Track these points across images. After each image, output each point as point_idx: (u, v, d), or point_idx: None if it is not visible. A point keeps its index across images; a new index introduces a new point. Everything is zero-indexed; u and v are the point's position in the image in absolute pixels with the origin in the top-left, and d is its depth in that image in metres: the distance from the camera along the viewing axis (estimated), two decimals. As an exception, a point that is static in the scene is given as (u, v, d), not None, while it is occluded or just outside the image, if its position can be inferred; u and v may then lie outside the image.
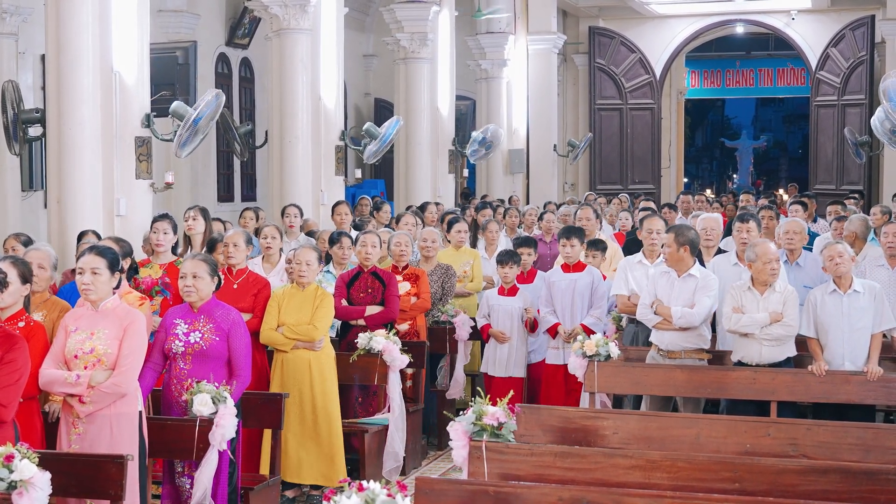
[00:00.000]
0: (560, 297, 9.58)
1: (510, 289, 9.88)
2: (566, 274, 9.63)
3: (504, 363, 9.77)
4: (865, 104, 23.92)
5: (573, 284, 9.55)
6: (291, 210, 11.81)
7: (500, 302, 9.85)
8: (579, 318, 9.49)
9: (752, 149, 49.88)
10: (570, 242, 9.61)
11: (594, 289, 9.55)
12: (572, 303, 9.53)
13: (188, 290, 6.77)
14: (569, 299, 9.54)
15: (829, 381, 7.72)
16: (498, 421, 5.84)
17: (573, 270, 9.62)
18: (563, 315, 9.56)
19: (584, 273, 9.60)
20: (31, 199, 14.02)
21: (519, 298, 9.82)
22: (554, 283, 9.65)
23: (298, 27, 13.85)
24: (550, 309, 9.61)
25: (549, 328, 9.59)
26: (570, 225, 10.77)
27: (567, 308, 9.55)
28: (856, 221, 10.82)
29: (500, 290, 9.94)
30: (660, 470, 5.70)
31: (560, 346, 9.52)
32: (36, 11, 13.35)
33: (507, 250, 10.17)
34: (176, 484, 6.71)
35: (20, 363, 5.53)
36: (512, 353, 9.77)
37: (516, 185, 22.73)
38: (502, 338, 9.74)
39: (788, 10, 25.65)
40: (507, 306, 9.82)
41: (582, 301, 9.53)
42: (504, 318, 9.79)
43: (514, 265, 9.82)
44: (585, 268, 9.66)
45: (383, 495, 4.41)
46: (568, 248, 9.62)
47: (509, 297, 9.85)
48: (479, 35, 22.25)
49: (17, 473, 4.76)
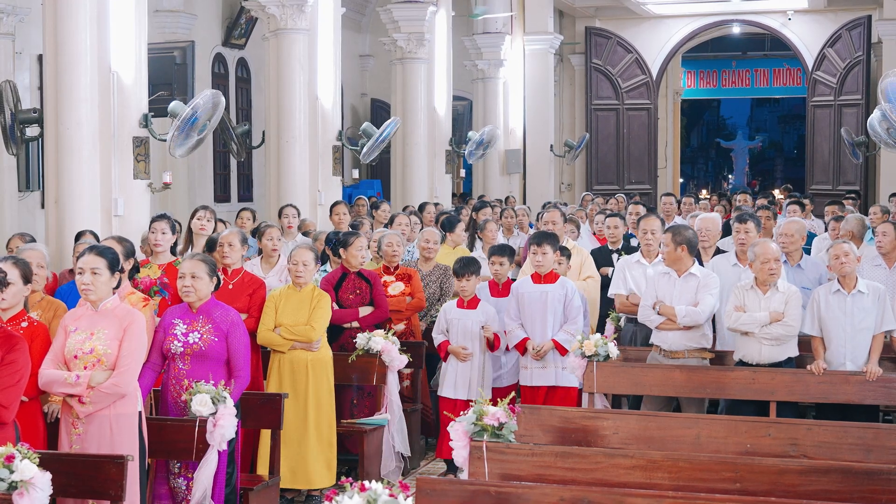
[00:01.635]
0: (529, 309, 8.57)
1: (470, 301, 8.79)
2: (537, 285, 8.64)
3: (466, 384, 8.63)
4: (862, 104, 23.93)
5: (544, 297, 8.56)
6: (289, 210, 11.80)
7: (458, 316, 8.74)
8: (550, 333, 8.51)
9: (748, 149, 49.93)
10: (542, 249, 8.61)
11: (567, 302, 8.58)
12: (543, 317, 8.54)
13: (187, 290, 6.76)
14: (539, 313, 8.54)
15: (829, 381, 7.72)
16: (498, 421, 5.84)
17: (545, 281, 8.63)
18: (533, 330, 8.56)
19: (557, 285, 8.60)
20: (29, 199, 14.00)
21: (480, 312, 8.73)
22: (523, 294, 8.64)
23: (296, 27, 13.85)
24: (518, 323, 8.61)
25: (518, 343, 8.59)
26: (542, 231, 9.55)
27: (537, 322, 8.56)
28: (852, 220, 10.83)
29: (460, 302, 8.82)
30: (661, 470, 5.70)
31: (530, 366, 8.58)
32: (33, 11, 13.33)
33: (465, 258, 9.10)
34: (171, 485, 6.70)
35: (21, 364, 5.52)
36: (475, 373, 8.67)
37: (513, 185, 22.72)
38: (463, 355, 8.65)
39: (785, 11, 25.63)
40: (467, 321, 8.70)
41: (554, 315, 8.54)
42: (463, 335, 8.69)
43: (472, 276, 8.76)
44: (558, 279, 8.69)
45: (385, 495, 4.41)
46: (539, 255, 8.62)
47: (469, 310, 8.74)
48: (476, 35, 22.26)
49: (17, 474, 4.76)
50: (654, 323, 8.31)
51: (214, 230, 9.51)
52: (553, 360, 8.49)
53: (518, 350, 8.63)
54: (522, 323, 8.60)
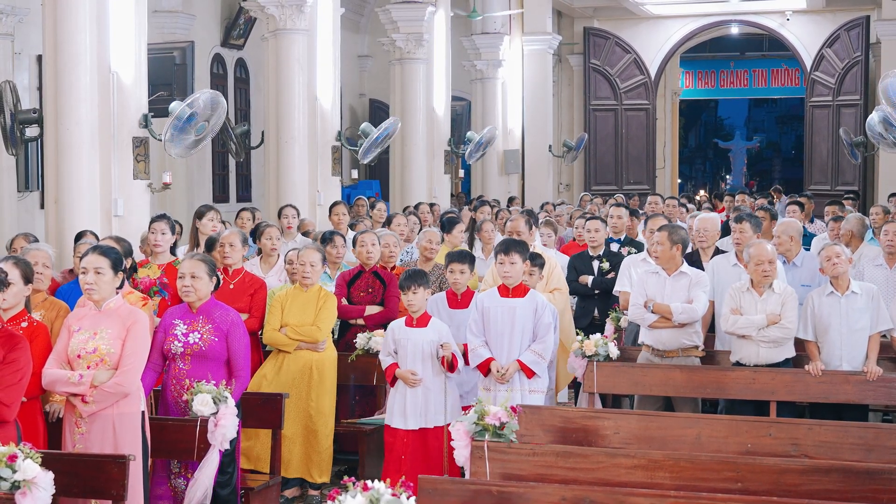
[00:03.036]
0: (495, 326, 7.65)
1: (420, 318, 7.65)
2: (504, 299, 7.69)
3: (417, 413, 7.55)
4: (861, 105, 23.95)
5: (512, 312, 7.63)
6: (289, 211, 11.79)
7: (407, 335, 7.62)
8: (517, 352, 7.61)
9: (746, 149, 49.97)
10: (510, 258, 7.66)
11: (538, 318, 7.65)
12: (510, 334, 7.63)
13: (186, 290, 6.76)
14: (506, 329, 7.63)
15: (829, 381, 7.74)
16: (500, 421, 5.84)
17: (513, 294, 7.69)
18: (499, 349, 7.64)
19: (526, 299, 7.68)
20: (28, 199, 14.00)
21: (431, 330, 7.60)
22: (488, 308, 7.69)
23: (294, 28, 13.86)
24: (482, 340, 7.67)
25: (481, 364, 7.63)
26: (510, 238, 8.40)
27: (503, 340, 7.64)
28: (852, 220, 10.82)
29: (408, 319, 7.69)
30: (662, 470, 5.70)
31: (492, 388, 7.62)
32: (32, 12, 13.32)
33: (409, 271, 7.90)
34: (171, 485, 6.71)
35: (22, 363, 5.54)
36: (429, 400, 7.57)
37: (511, 185, 22.73)
38: (412, 380, 7.53)
39: (783, 11, 25.67)
40: (417, 340, 7.59)
41: (522, 333, 7.62)
42: (413, 357, 7.59)
43: (418, 288, 7.64)
44: (528, 292, 7.76)
45: (388, 495, 4.41)
46: (507, 265, 7.65)
47: (419, 328, 7.63)
48: (475, 35, 22.27)
49: (20, 473, 4.76)
50: (646, 321, 8.30)
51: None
52: (519, 382, 7.61)
53: (480, 371, 7.68)
54: (487, 340, 7.67)
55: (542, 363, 7.63)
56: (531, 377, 7.59)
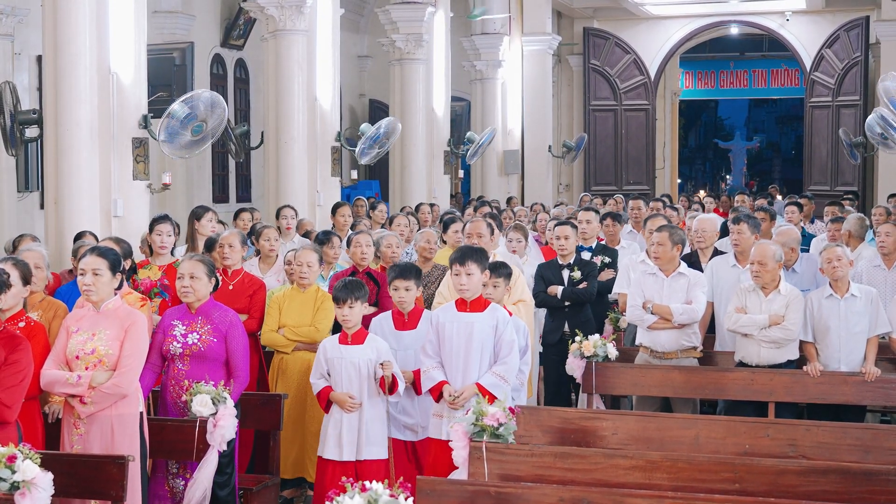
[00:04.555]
0: (450, 344, 6.82)
1: (356, 335, 6.96)
2: (461, 314, 6.86)
3: (355, 441, 6.88)
4: (860, 105, 23.96)
5: (469, 328, 6.81)
6: (287, 211, 11.79)
7: (341, 354, 6.93)
8: (476, 374, 6.78)
9: (746, 150, 49.99)
10: (466, 269, 6.78)
11: (499, 335, 6.83)
12: (467, 354, 6.80)
13: (185, 290, 6.77)
14: (462, 349, 6.80)
15: (827, 382, 7.75)
16: (498, 422, 5.84)
17: (471, 309, 6.85)
18: (454, 370, 6.81)
19: (486, 313, 6.85)
20: (27, 200, 14.02)
21: (368, 348, 6.93)
22: (443, 325, 6.87)
23: (294, 28, 13.87)
24: (436, 361, 6.85)
25: (433, 388, 6.86)
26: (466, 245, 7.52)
27: (459, 360, 6.81)
28: (851, 220, 10.80)
29: (342, 336, 7.00)
30: (660, 470, 5.70)
31: (445, 414, 6.78)
32: (32, 12, 13.33)
33: (350, 282, 7.13)
34: (169, 485, 6.71)
35: (23, 364, 5.55)
36: (368, 428, 6.89)
37: (511, 186, 22.74)
38: (349, 404, 6.86)
39: (783, 11, 25.68)
40: (353, 360, 6.91)
41: (481, 352, 6.80)
42: (349, 378, 6.89)
43: (355, 302, 6.95)
44: (488, 305, 6.94)
45: (386, 496, 4.41)
46: (463, 277, 6.78)
47: (354, 346, 6.94)
48: (474, 36, 22.28)
49: (19, 474, 4.76)
50: (646, 322, 8.30)
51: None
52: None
53: (433, 396, 6.90)
54: (441, 361, 6.88)
55: (505, 387, 6.72)
56: (492, 402, 6.32)
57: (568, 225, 9.79)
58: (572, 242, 9.63)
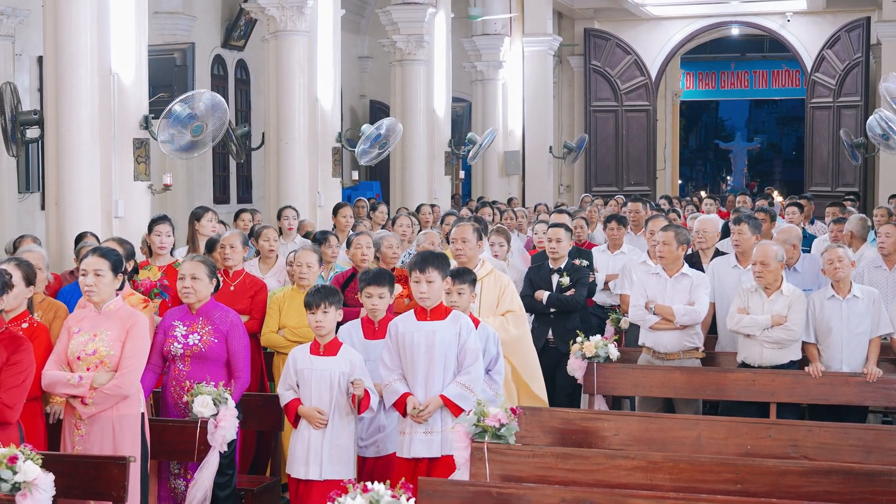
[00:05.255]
0: (411, 355, 6.42)
1: (329, 345, 6.50)
2: (421, 322, 6.46)
3: (319, 460, 6.42)
4: (861, 106, 23.95)
5: (431, 338, 6.39)
6: (289, 212, 11.79)
7: (313, 364, 6.48)
8: (440, 385, 6.38)
9: (746, 151, 49.99)
10: (427, 276, 6.39)
11: (462, 344, 6.42)
12: (429, 364, 6.39)
13: (186, 291, 6.76)
14: (423, 359, 6.40)
15: (829, 383, 7.74)
16: (500, 422, 5.84)
17: (431, 317, 6.45)
18: (416, 382, 6.42)
19: (448, 321, 6.46)
20: (28, 200, 14.02)
21: (342, 359, 6.45)
22: (403, 335, 6.45)
23: (295, 29, 13.87)
24: (398, 373, 6.45)
25: (397, 401, 6.42)
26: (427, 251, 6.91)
27: (420, 371, 6.41)
28: (854, 221, 10.78)
29: (314, 346, 6.53)
30: (662, 471, 5.70)
31: (408, 429, 6.42)
32: (33, 13, 13.34)
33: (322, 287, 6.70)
34: (170, 485, 6.71)
35: (25, 365, 5.55)
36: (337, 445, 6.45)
37: (512, 186, 22.74)
38: (318, 420, 6.40)
39: (784, 12, 25.68)
40: (324, 373, 6.45)
41: (444, 362, 6.40)
42: (318, 392, 6.44)
43: (330, 307, 6.50)
44: (449, 313, 6.52)
45: (388, 496, 4.41)
46: (423, 284, 6.40)
47: (326, 357, 6.48)
48: (475, 37, 22.28)
49: (20, 475, 4.75)
50: (647, 323, 8.29)
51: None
52: (442, 422, 6.40)
53: (398, 410, 6.47)
54: (403, 374, 6.48)
55: (471, 397, 6.31)
56: (458, 415, 6.26)
57: (561, 227, 9.44)
58: (565, 246, 9.27)
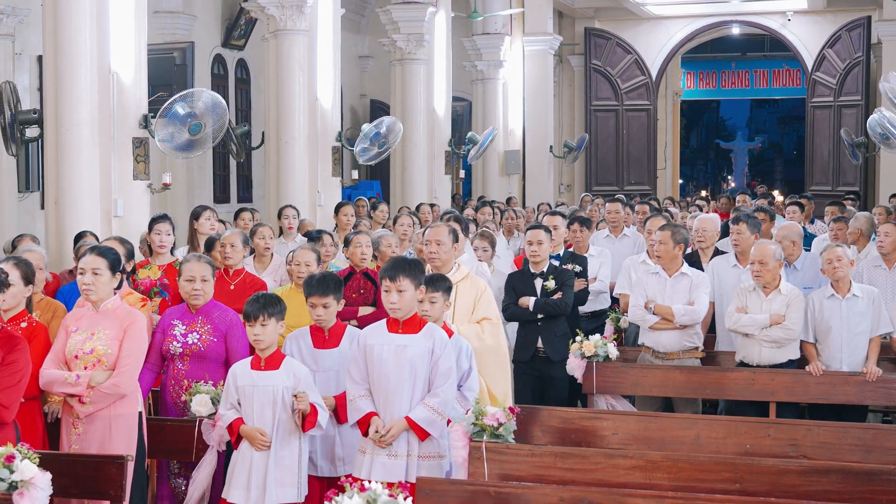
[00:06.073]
0: (379, 370, 5.88)
1: (271, 358, 5.98)
2: (392, 335, 5.92)
3: (262, 483, 5.86)
4: (862, 105, 23.96)
5: (401, 353, 5.87)
6: (289, 211, 11.78)
7: (254, 380, 5.95)
8: (407, 405, 5.85)
9: (747, 150, 50.04)
10: (397, 284, 5.87)
11: (435, 362, 5.89)
12: (398, 382, 5.86)
13: (196, 293, 6.76)
14: (392, 375, 5.86)
15: (828, 382, 7.74)
16: (498, 422, 5.83)
17: (403, 330, 5.92)
18: (383, 399, 5.88)
19: (421, 335, 5.92)
20: (28, 200, 14.00)
21: (284, 374, 5.94)
22: (371, 347, 5.93)
23: (295, 28, 13.87)
24: (364, 388, 5.93)
25: (361, 420, 5.91)
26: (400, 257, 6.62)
27: (387, 388, 5.87)
28: (861, 219, 10.74)
29: (255, 360, 6.01)
30: (660, 470, 5.69)
31: (369, 450, 5.89)
32: (33, 12, 13.34)
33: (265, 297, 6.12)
34: (171, 485, 6.71)
35: (21, 364, 5.54)
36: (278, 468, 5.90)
37: (512, 186, 22.74)
38: (260, 441, 5.88)
39: (784, 12, 25.68)
40: (266, 387, 5.93)
41: (414, 381, 5.87)
42: (261, 410, 5.92)
43: (270, 319, 5.96)
44: (424, 326, 5.97)
45: (385, 495, 4.41)
46: (394, 293, 5.87)
47: (268, 371, 5.96)
48: (476, 36, 22.29)
49: (17, 474, 4.76)
50: (647, 323, 8.28)
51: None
52: (407, 446, 5.87)
53: (360, 429, 5.95)
54: (370, 390, 5.94)
55: (440, 421, 5.84)
56: (424, 439, 5.84)
57: (541, 229, 8.80)
58: (546, 249, 8.70)
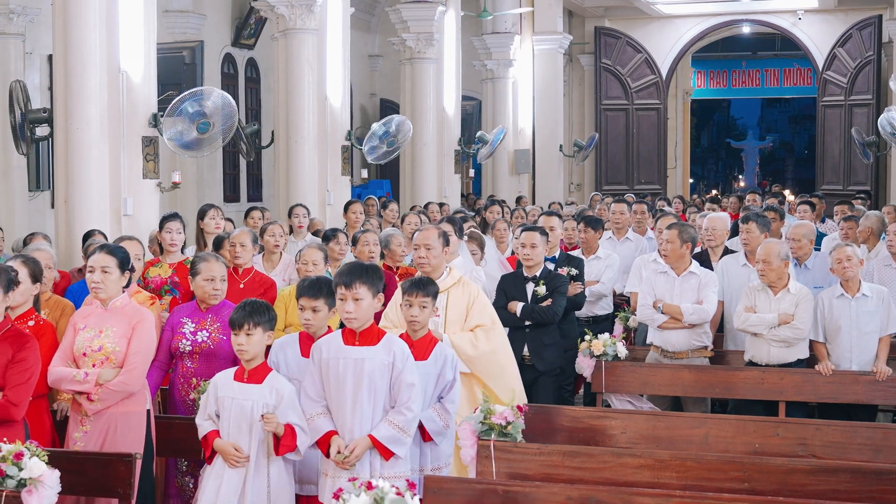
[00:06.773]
0: (336, 385, 5.50)
1: (255, 371, 5.62)
2: (348, 348, 5.52)
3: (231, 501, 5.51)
4: (872, 104, 23.90)
5: (359, 367, 5.47)
6: (299, 210, 11.78)
7: (234, 393, 5.61)
8: (369, 423, 5.46)
9: (758, 149, 49.94)
10: (354, 293, 5.46)
11: (396, 376, 5.48)
12: (355, 397, 5.46)
13: (216, 293, 6.79)
14: (349, 391, 5.46)
15: (838, 382, 7.71)
16: (506, 420, 5.82)
17: (360, 342, 5.52)
18: (342, 418, 5.49)
19: (380, 347, 5.50)
20: (38, 199, 14.05)
21: (267, 388, 5.56)
22: (327, 361, 5.55)
23: (305, 27, 13.88)
24: (321, 406, 5.54)
25: (321, 439, 5.50)
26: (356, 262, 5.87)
27: (346, 405, 5.48)
28: (872, 217, 10.71)
29: (239, 371, 5.67)
30: (669, 469, 5.68)
31: (331, 472, 5.50)
32: (43, 12, 13.37)
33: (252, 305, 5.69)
34: (178, 483, 6.71)
35: (31, 362, 5.56)
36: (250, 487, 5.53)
37: (522, 185, 22.73)
38: (234, 457, 5.52)
39: (795, 10, 25.64)
40: (246, 402, 5.58)
41: (374, 396, 5.47)
42: (238, 424, 5.57)
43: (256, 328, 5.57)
44: (382, 337, 5.55)
45: (392, 493, 4.40)
46: (350, 302, 5.47)
47: (250, 384, 5.60)
48: (485, 35, 22.28)
49: (26, 471, 4.77)
50: (656, 322, 8.27)
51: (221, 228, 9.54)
52: (370, 466, 5.49)
53: (321, 449, 5.56)
54: (328, 407, 5.56)
55: (405, 439, 5.47)
56: (389, 458, 5.47)
57: (536, 231, 8.39)
58: (540, 252, 8.32)
